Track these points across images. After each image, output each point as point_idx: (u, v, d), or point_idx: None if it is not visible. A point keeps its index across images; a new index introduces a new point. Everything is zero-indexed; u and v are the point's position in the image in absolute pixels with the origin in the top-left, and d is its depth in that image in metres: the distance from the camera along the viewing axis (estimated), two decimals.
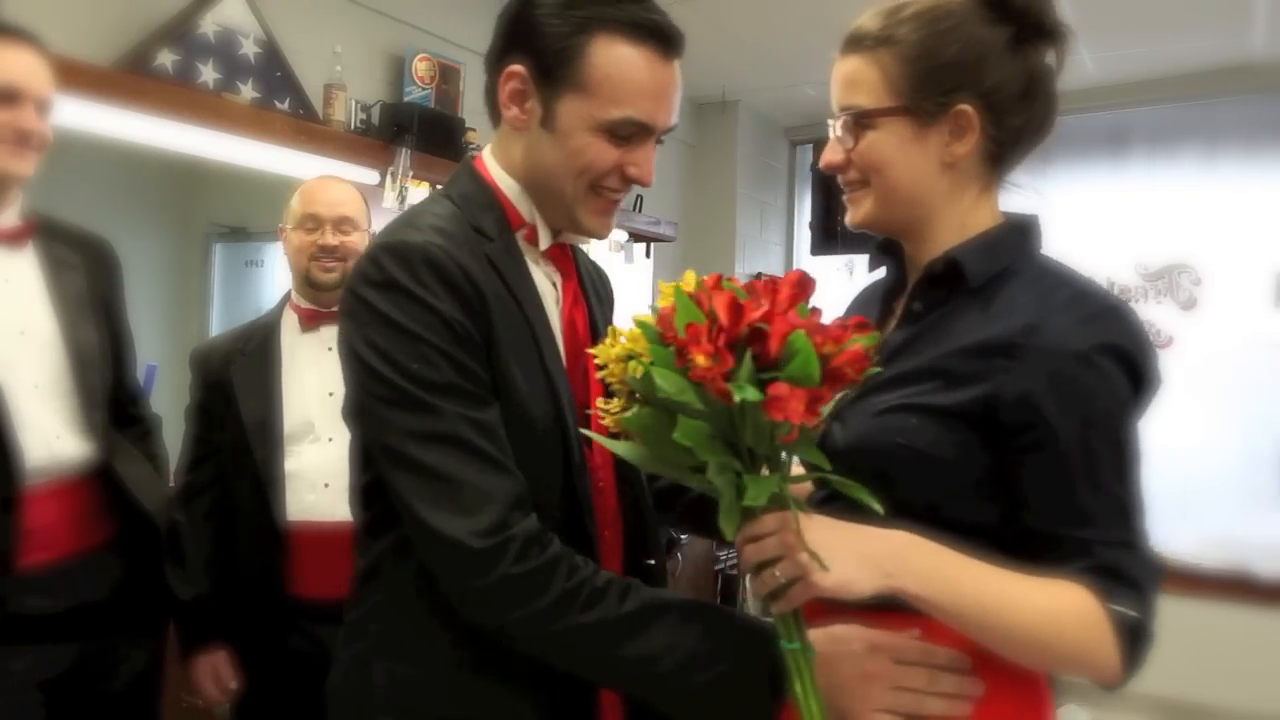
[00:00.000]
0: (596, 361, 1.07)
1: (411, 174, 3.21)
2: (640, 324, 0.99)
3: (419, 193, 3.29)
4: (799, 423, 0.89)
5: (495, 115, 1.26)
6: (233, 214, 4.21)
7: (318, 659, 2.06)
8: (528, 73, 1.18)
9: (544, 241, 1.27)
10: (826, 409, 0.93)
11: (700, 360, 0.90)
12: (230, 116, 2.77)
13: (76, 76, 2.24)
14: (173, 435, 2.18)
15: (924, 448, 1.04)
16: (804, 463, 1.07)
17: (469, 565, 1.05)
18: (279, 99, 2.95)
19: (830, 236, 5.06)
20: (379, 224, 2.36)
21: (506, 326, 1.16)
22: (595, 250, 4.31)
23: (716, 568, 4.25)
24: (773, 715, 1.04)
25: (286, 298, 2.24)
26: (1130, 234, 4.47)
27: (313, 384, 2.15)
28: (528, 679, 1.14)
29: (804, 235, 5.26)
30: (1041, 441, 1.01)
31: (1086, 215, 4.51)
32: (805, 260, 5.34)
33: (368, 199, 2.32)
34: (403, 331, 1.10)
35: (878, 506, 0.95)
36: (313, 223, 2.17)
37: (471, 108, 3.60)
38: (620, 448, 1.04)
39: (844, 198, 1.18)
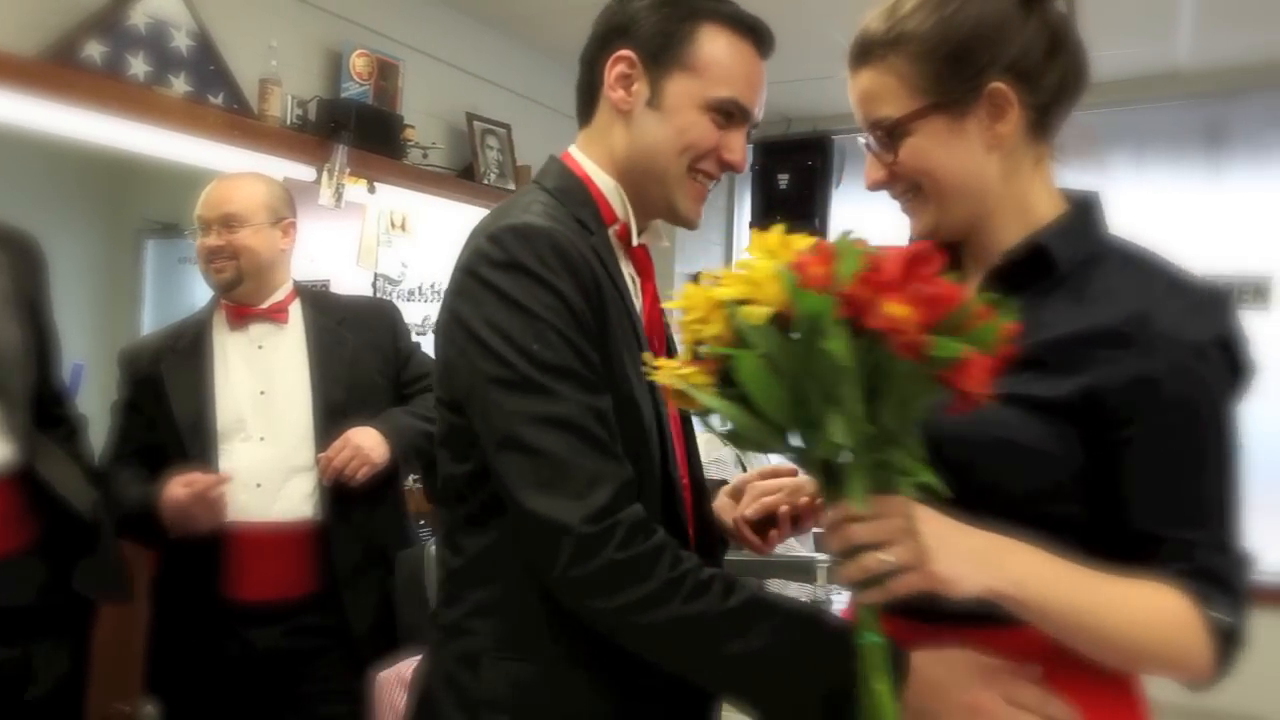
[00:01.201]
0: (677, 309, 0.97)
1: (348, 171, 3.18)
2: (770, 270, 0.89)
3: (356, 190, 3.27)
4: (977, 394, 0.84)
5: (587, 111, 1.30)
6: (166, 210, 4.14)
7: (250, 662, 2.05)
8: (636, 56, 1.23)
9: (636, 238, 1.27)
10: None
11: (897, 310, 0.82)
12: (161, 110, 2.72)
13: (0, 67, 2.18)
14: (101, 436, 2.14)
15: (1025, 441, 0.99)
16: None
17: (573, 550, 1.02)
18: (212, 93, 2.90)
19: None
20: (311, 222, 2.34)
21: (616, 317, 1.16)
22: None
23: None
24: None
25: (218, 295, 2.21)
26: None
27: (243, 382, 2.13)
28: (652, 674, 1.11)
29: (744, 234, 5.28)
30: (1148, 436, 0.96)
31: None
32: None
33: (291, 195, 2.29)
34: (525, 312, 1.08)
35: (943, 489, 0.90)
36: (201, 225, 2.15)
37: (410, 105, 3.58)
38: (717, 403, 0.92)
39: (902, 210, 1.13)
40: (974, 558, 0.92)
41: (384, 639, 2.11)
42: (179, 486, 1.95)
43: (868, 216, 5.13)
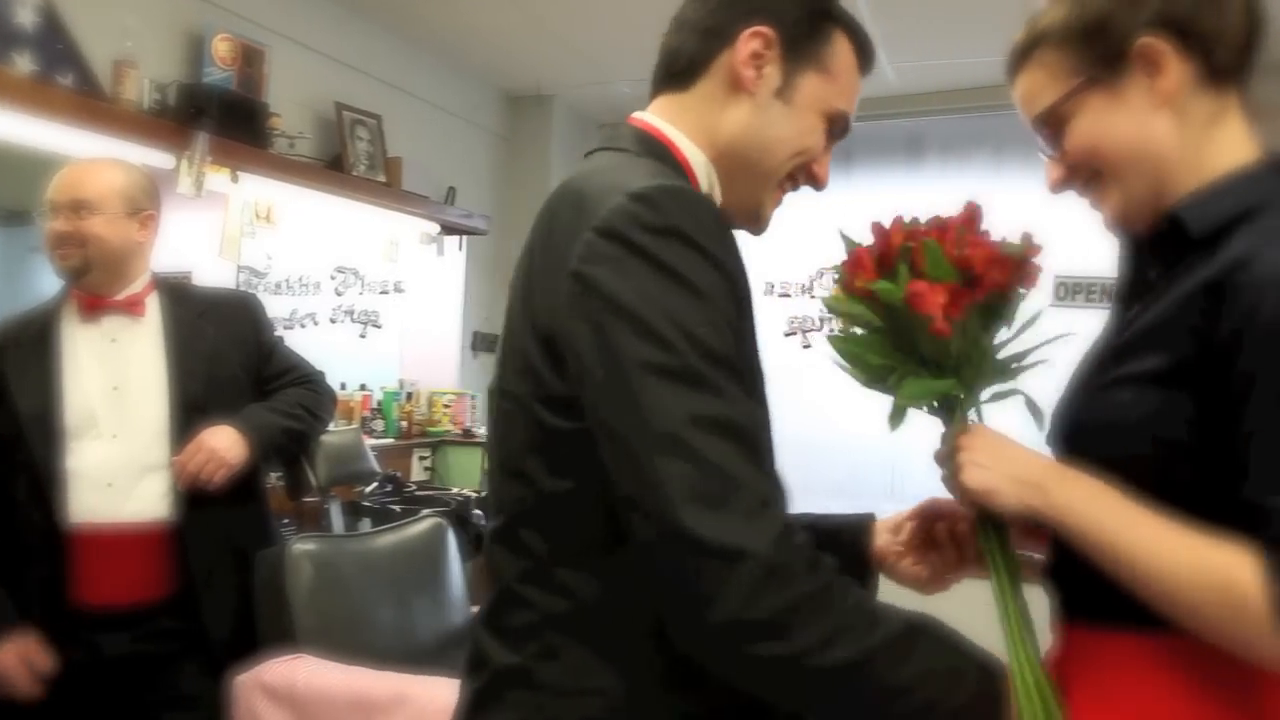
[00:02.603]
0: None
1: (210, 159, 3.06)
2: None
3: (218, 179, 3.16)
4: (940, 315, 0.98)
5: (688, 76, 1.12)
6: (13, 198, 3.93)
7: (98, 670, 1.96)
8: (776, 37, 1.08)
9: None
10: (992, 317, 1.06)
11: (847, 277, 1.06)
12: (3, 90, 2.58)
13: None
14: None
15: (1135, 419, 0.94)
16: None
17: (757, 582, 0.83)
18: (60, 74, 2.76)
19: None
20: (171, 211, 2.25)
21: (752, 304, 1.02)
22: (404, 243, 4.23)
23: None
24: None
25: (68, 285, 2.11)
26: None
27: (94, 377, 2.03)
28: None
29: None
30: (1243, 394, 0.87)
31: (885, 216, 4.72)
32: None
33: (156, 187, 2.20)
34: (690, 288, 0.90)
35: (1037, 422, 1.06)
36: (50, 208, 2.06)
37: (276, 93, 3.48)
38: (847, 364, 1.08)
39: (1090, 205, 1.08)
40: (1017, 477, 0.98)
41: (243, 642, 2.04)
42: (23, 671, 1.92)
43: None
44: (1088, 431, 1.00)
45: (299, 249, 3.75)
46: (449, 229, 4.40)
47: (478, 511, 3.51)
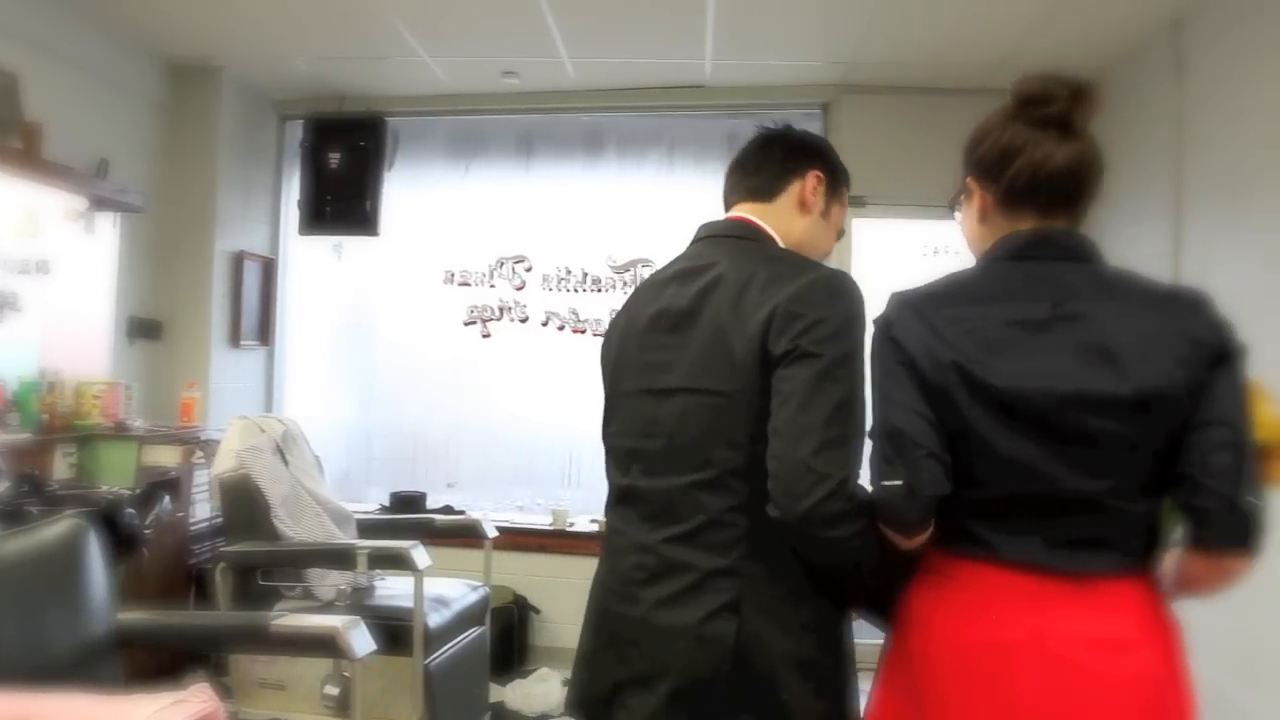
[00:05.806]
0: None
1: None
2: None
3: None
4: None
5: (771, 190, 1.74)
6: None
7: None
8: (825, 179, 1.75)
9: None
10: None
11: None
12: None
13: None
14: None
15: None
16: None
17: (830, 493, 1.43)
18: None
19: (319, 216, 4.94)
20: None
21: None
22: (47, 218, 3.84)
23: (190, 561, 3.99)
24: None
25: None
26: (601, 228, 4.85)
27: None
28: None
29: (292, 214, 5.08)
30: None
31: (564, 209, 4.84)
32: (293, 240, 5.17)
33: None
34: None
35: None
36: None
37: None
38: None
39: None
40: None
41: None
42: None
43: (418, 200, 5.15)
44: None
45: None
46: (101, 204, 4.05)
47: (130, 510, 3.26)
